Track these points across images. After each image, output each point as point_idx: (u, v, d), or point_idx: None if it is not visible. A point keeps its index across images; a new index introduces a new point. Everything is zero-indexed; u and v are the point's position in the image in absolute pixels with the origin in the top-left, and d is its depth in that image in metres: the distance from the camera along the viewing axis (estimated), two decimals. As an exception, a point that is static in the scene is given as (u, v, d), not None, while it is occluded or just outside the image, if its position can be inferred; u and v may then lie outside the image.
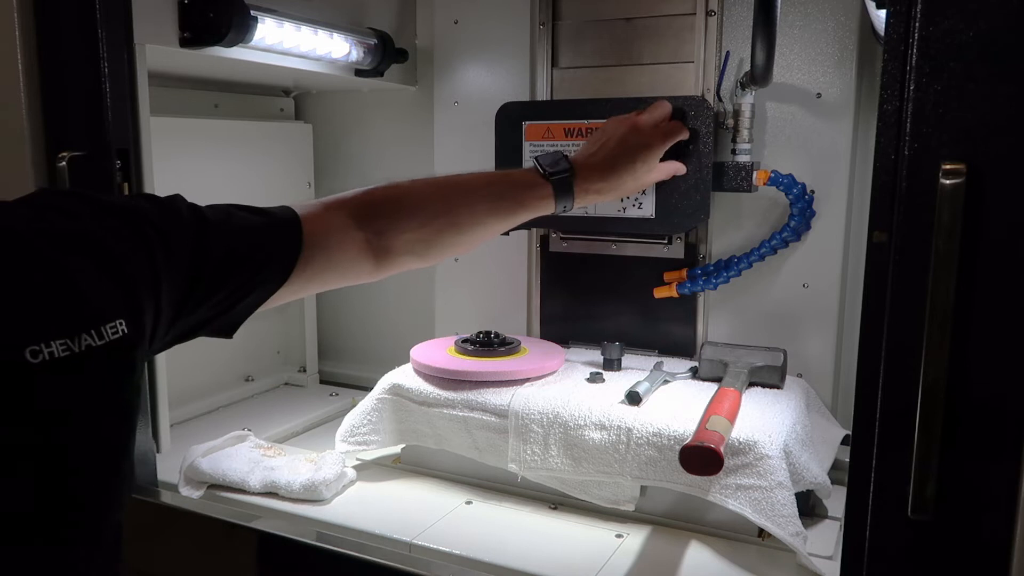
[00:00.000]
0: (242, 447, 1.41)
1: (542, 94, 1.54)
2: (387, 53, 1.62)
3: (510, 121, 1.44)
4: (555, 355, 1.42)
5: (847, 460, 0.86)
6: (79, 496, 0.71)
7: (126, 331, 0.71)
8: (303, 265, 0.92)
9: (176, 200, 0.86)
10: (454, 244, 1.07)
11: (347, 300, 1.98)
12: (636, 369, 1.41)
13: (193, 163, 1.58)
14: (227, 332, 0.90)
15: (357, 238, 0.98)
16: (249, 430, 1.49)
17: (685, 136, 1.27)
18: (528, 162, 1.42)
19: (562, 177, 1.10)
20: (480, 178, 1.08)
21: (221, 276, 0.84)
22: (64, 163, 1.15)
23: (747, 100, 1.35)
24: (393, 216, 1.01)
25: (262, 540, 1.10)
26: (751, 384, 1.31)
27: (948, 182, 0.71)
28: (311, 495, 1.28)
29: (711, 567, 1.11)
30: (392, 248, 1.01)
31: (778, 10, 1.18)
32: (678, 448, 1.07)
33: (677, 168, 1.26)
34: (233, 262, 0.86)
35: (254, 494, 1.30)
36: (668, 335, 1.51)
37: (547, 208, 1.10)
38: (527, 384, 1.32)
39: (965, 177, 0.71)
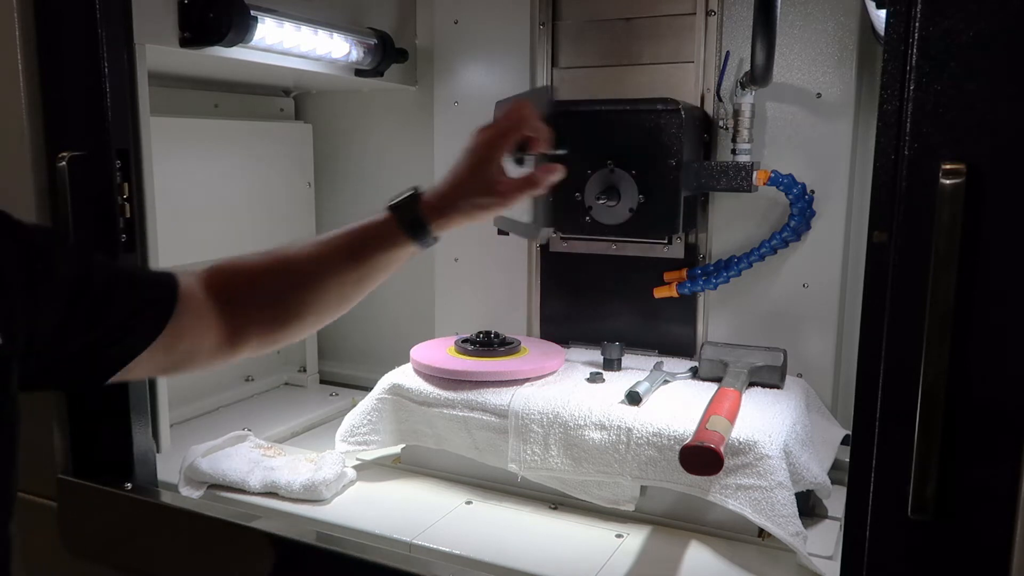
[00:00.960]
0: (242, 447, 1.41)
1: (542, 94, 1.54)
2: (387, 53, 1.63)
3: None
4: (555, 355, 1.42)
5: (847, 460, 0.86)
6: None
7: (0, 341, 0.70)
8: (175, 323, 0.87)
9: (63, 231, 0.83)
10: (317, 317, 0.98)
11: (347, 300, 1.98)
12: (636, 369, 1.41)
13: (193, 163, 1.58)
14: (97, 377, 0.86)
15: (216, 322, 0.92)
16: (249, 430, 1.49)
17: (538, 143, 1.02)
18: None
19: (412, 218, 0.97)
20: (332, 242, 0.98)
21: (98, 309, 0.83)
22: (64, 163, 1.15)
23: (747, 100, 1.35)
24: (245, 300, 0.94)
25: (262, 540, 1.10)
26: (751, 384, 1.31)
27: (948, 182, 0.71)
28: (311, 495, 1.28)
29: (711, 567, 1.11)
30: (244, 333, 0.94)
31: (778, 10, 1.18)
32: (678, 448, 1.07)
33: (539, 178, 1.00)
34: (112, 297, 0.84)
35: (254, 494, 1.30)
36: (668, 335, 1.51)
37: (408, 249, 0.98)
38: (527, 384, 1.32)
39: (965, 177, 0.71)
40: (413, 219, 0.97)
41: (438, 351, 1.42)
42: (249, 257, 0.96)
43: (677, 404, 1.24)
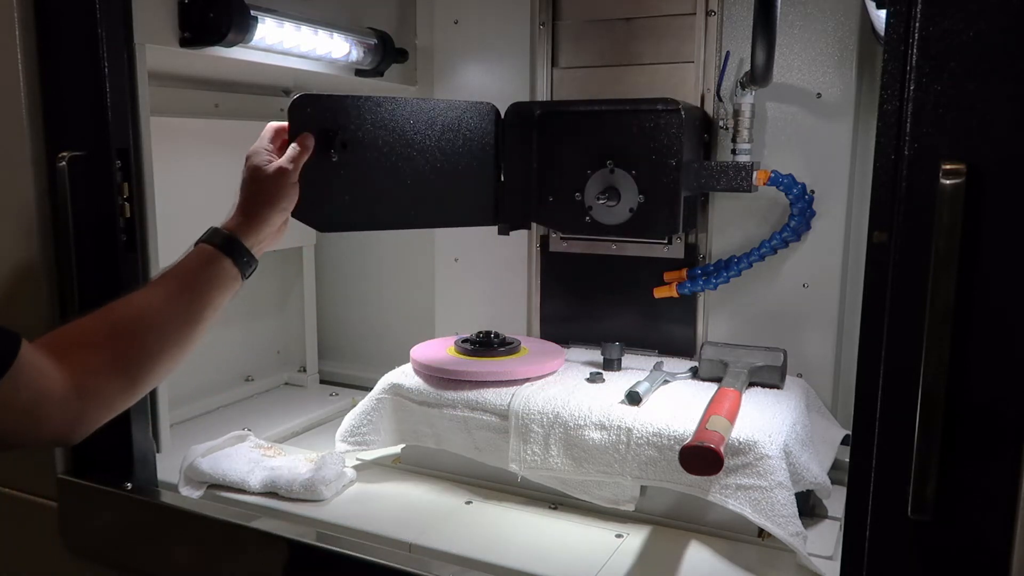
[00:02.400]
0: (242, 447, 1.41)
1: (542, 94, 1.54)
2: (387, 53, 1.63)
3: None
4: (555, 355, 1.42)
5: (847, 460, 0.86)
6: None
7: None
8: (14, 374, 0.81)
9: None
10: (164, 365, 0.97)
11: (347, 300, 1.98)
12: (636, 369, 1.41)
13: (193, 163, 1.58)
14: None
15: (60, 378, 0.87)
16: (249, 430, 1.49)
17: (308, 145, 1.15)
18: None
19: (225, 237, 1.04)
20: (159, 285, 1.00)
21: None
22: (64, 163, 1.15)
23: (747, 100, 1.35)
24: (87, 358, 0.90)
25: (262, 540, 1.10)
26: (751, 384, 1.31)
27: (948, 182, 0.71)
28: (311, 495, 1.28)
29: (711, 567, 1.11)
30: (93, 391, 0.90)
31: (778, 10, 1.18)
32: (678, 448, 1.07)
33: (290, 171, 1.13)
34: None
35: (254, 494, 1.30)
36: (668, 335, 1.51)
37: (235, 277, 1.04)
38: (527, 384, 1.32)
39: (965, 177, 0.71)
40: (223, 239, 1.04)
41: (438, 351, 1.42)
42: (84, 319, 0.94)
43: (677, 404, 1.24)
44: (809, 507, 1.23)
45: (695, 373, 1.37)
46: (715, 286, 1.43)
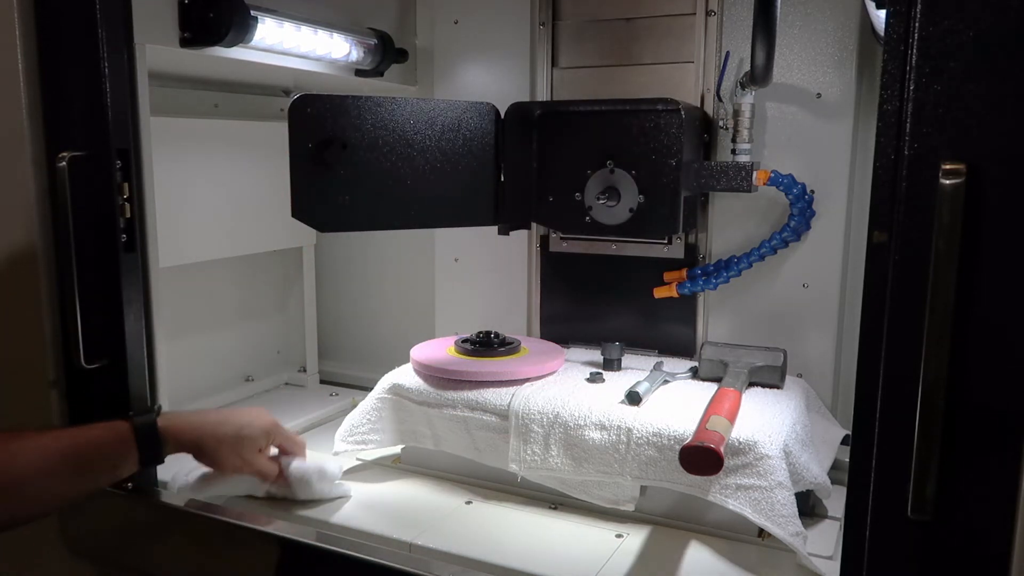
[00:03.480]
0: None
1: (542, 94, 1.54)
2: (387, 53, 1.62)
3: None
4: (555, 355, 1.42)
5: (847, 460, 0.86)
6: None
7: None
8: None
9: None
10: (28, 516, 0.99)
11: (347, 300, 1.98)
12: (636, 369, 1.41)
13: (193, 163, 1.58)
14: None
15: None
16: None
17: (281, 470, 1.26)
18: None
19: (150, 426, 1.07)
20: (50, 451, 0.98)
21: None
22: (64, 163, 1.15)
23: (747, 100, 1.35)
24: None
25: (262, 540, 1.10)
26: (751, 384, 1.31)
27: (948, 182, 0.71)
28: (311, 495, 1.28)
29: (711, 567, 1.11)
30: None
31: (778, 10, 1.18)
32: (678, 448, 1.07)
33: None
34: None
35: (257, 498, 1.30)
36: (668, 335, 1.52)
37: (134, 466, 1.06)
38: (527, 384, 1.32)
39: (965, 177, 0.71)
40: (147, 427, 1.06)
41: (438, 351, 1.42)
42: None
43: (677, 404, 1.24)
44: (809, 507, 1.23)
45: (695, 373, 1.37)
46: (715, 286, 1.43)
